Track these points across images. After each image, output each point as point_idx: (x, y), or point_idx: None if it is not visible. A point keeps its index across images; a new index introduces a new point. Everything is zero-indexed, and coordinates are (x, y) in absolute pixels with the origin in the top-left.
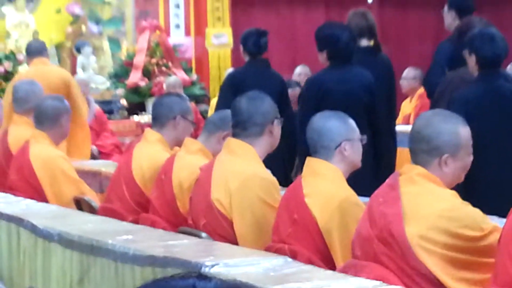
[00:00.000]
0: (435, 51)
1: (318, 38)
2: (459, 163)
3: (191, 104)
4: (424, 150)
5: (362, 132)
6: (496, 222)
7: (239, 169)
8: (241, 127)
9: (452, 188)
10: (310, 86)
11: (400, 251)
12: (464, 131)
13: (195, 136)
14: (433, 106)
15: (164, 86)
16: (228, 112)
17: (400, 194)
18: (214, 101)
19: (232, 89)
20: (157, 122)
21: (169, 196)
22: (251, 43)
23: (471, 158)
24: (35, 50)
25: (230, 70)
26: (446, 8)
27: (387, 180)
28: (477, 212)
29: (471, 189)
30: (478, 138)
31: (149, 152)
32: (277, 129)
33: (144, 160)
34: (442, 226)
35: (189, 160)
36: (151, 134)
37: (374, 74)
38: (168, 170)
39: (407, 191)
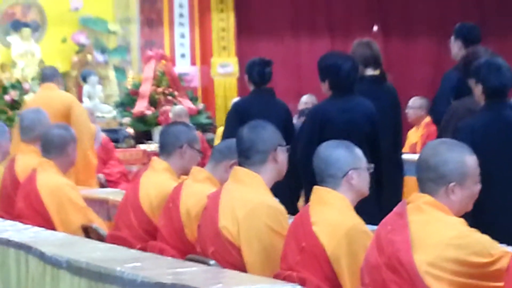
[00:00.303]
0: (440, 79)
1: (320, 67)
2: (466, 192)
3: (198, 133)
4: (431, 179)
5: (367, 161)
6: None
7: (246, 197)
8: (244, 156)
9: (460, 217)
10: (312, 116)
11: (409, 278)
12: (470, 160)
13: (202, 164)
14: (439, 135)
15: (170, 115)
16: (234, 141)
17: (408, 222)
18: (220, 130)
19: (238, 118)
20: (164, 150)
21: (177, 224)
22: (255, 73)
23: (478, 187)
24: (45, 76)
25: (236, 99)
26: (452, 37)
27: (395, 208)
28: (485, 238)
29: (479, 218)
30: (485, 167)
31: (156, 180)
32: (282, 156)
33: (151, 189)
34: (450, 254)
35: (197, 188)
36: (158, 162)
37: (380, 103)
38: (175, 198)
39: (415, 220)
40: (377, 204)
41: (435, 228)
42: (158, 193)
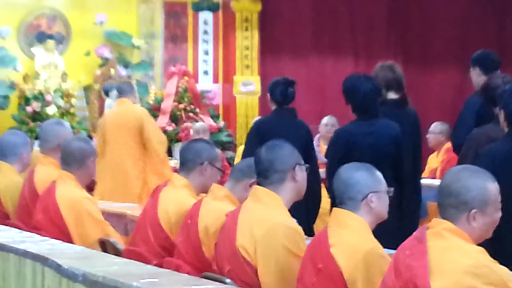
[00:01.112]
0: (460, 105)
1: (342, 90)
2: (488, 219)
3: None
4: (453, 205)
5: (388, 184)
6: None
7: (264, 217)
8: (263, 176)
9: (479, 244)
10: (338, 138)
11: None
12: (492, 187)
13: (221, 182)
14: (459, 162)
15: (191, 131)
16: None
17: (427, 247)
18: (241, 149)
19: (258, 137)
20: (185, 167)
21: (195, 240)
22: (278, 92)
23: (499, 214)
24: (120, 91)
25: (257, 118)
26: (471, 67)
27: (414, 233)
28: (504, 270)
29: (498, 246)
30: (506, 194)
31: (175, 197)
32: (300, 174)
33: (170, 205)
34: (467, 283)
35: (216, 205)
36: (178, 179)
37: (401, 127)
38: (194, 215)
39: (434, 245)
40: (399, 227)
41: (454, 255)
42: (176, 209)
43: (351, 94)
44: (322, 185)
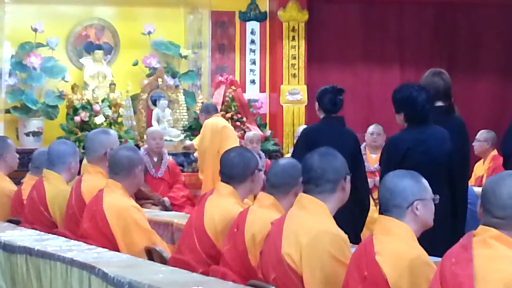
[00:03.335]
0: (504, 115)
1: (394, 100)
2: None
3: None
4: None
5: (440, 191)
6: None
7: (310, 225)
8: (314, 184)
9: None
10: (391, 146)
11: None
12: None
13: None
14: (506, 169)
15: (239, 141)
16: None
17: (472, 256)
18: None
19: (307, 145)
20: (235, 180)
21: (241, 249)
22: (327, 100)
23: None
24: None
25: (301, 127)
26: None
27: (460, 240)
28: None
29: None
30: None
31: (221, 205)
32: (348, 185)
33: (216, 213)
34: None
35: (263, 214)
36: (223, 187)
37: (448, 133)
38: (241, 224)
39: (479, 254)
40: (454, 234)
41: (499, 264)
42: (222, 217)
43: (409, 104)
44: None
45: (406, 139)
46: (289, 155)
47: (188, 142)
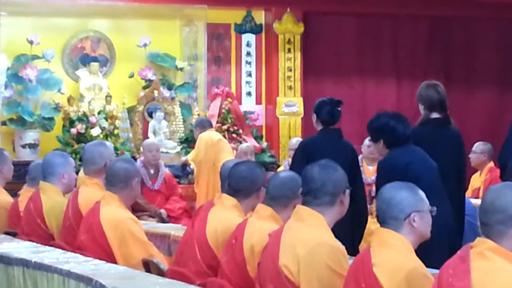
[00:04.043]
0: (500, 127)
1: (371, 129)
2: None
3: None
4: (500, 221)
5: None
6: None
7: (308, 236)
8: (312, 196)
9: None
10: (388, 163)
11: None
12: None
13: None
14: (506, 180)
15: (237, 152)
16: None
17: (470, 268)
18: (281, 169)
19: (305, 157)
20: (240, 194)
21: (240, 260)
22: (325, 112)
23: None
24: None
25: (295, 139)
26: None
27: (458, 252)
28: None
29: None
30: None
31: (224, 216)
32: (347, 199)
33: (219, 224)
34: None
35: (261, 225)
36: (227, 199)
37: (444, 146)
38: (239, 235)
39: (477, 266)
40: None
41: (497, 277)
42: (225, 229)
43: (387, 132)
44: None
45: (402, 155)
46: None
47: (183, 158)
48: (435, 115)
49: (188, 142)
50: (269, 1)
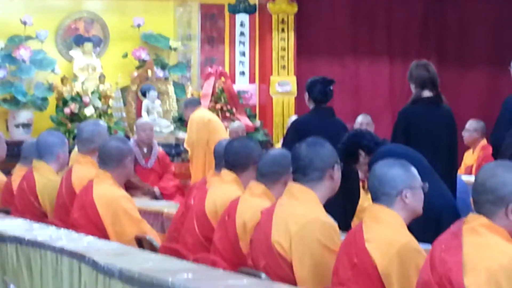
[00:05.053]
0: (494, 105)
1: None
2: None
3: None
4: (490, 201)
5: None
6: None
7: (299, 213)
8: (301, 173)
9: None
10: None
11: None
12: None
13: None
14: (497, 158)
15: (228, 131)
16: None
17: (462, 243)
18: (277, 147)
19: (297, 135)
20: (237, 169)
21: (232, 237)
22: (317, 91)
23: None
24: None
25: (293, 117)
26: (511, 63)
27: (451, 227)
28: None
29: None
30: None
31: (223, 190)
32: (337, 173)
33: (218, 198)
34: (500, 281)
35: (254, 202)
36: (227, 174)
37: (436, 124)
38: (232, 212)
39: (469, 241)
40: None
41: (488, 252)
42: (224, 202)
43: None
44: None
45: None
46: (279, 145)
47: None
48: (426, 93)
49: (182, 121)
50: None
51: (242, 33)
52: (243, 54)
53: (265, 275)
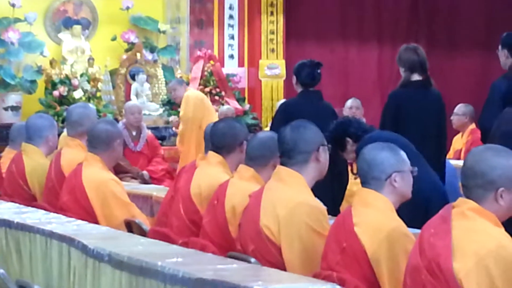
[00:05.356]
0: (484, 89)
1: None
2: None
3: None
4: (479, 185)
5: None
6: None
7: (287, 197)
8: (287, 156)
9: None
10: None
11: (447, 284)
12: None
13: None
14: (487, 142)
15: (217, 114)
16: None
17: (451, 227)
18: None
19: (285, 119)
20: (224, 150)
21: (221, 221)
22: (305, 74)
23: None
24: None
25: (281, 101)
26: (499, 47)
27: (440, 211)
28: None
29: None
30: None
31: (209, 173)
32: (323, 155)
33: (203, 180)
34: (488, 265)
35: (243, 186)
36: (213, 156)
37: (425, 108)
38: (221, 196)
39: (458, 225)
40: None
41: (477, 236)
42: (209, 184)
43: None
44: None
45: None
46: (267, 129)
47: (172, 117)
48: (415, 77)
49: (171, 104)
50: None
51: (231, 16)
52: (232, 37)
53: (255, 260)
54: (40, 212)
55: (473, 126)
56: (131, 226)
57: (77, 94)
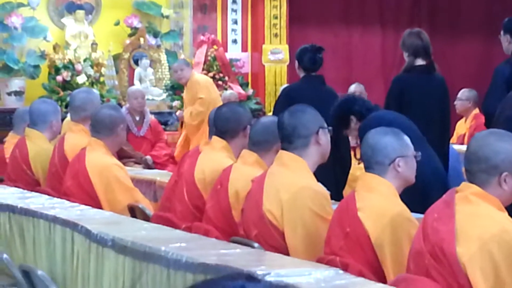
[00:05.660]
0: (486, 74)
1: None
2: None
3: None
4: (483, 170)
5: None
6: None
7: (290, 181)
8: (287, 141)
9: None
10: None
11: (450, 268)
12: None
13: None
14: (491, 127)
15: (220, 99)
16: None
17: (454, 212)
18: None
19: (287, 104)
20: (227, 135)
21: (225, 205)
22: (306, 59)
23: None
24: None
25: (284, 85)
26: (502, 32)
27: (443, 196)
28: None
29: None
30: None
31: (212, 157)
32: (324, 138)
33: (206, 165)
34: (492, 250)
35: (246, 171)
36: (217, 141)
37: (429, 93)
38: (224, 181)
39: (461, 210)
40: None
41: (480, 221)
42: (212, 169)
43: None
44: None
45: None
46: (271, 114)
47: (176, 102)
48: (419, 62)
49: (174, 89)
50: None
51: (234, 1)
52: (235, 22)
53: (258, 245)
54: (44, 197)
55: (476, 111)
56: (134, 211)
57: (81, 79)
